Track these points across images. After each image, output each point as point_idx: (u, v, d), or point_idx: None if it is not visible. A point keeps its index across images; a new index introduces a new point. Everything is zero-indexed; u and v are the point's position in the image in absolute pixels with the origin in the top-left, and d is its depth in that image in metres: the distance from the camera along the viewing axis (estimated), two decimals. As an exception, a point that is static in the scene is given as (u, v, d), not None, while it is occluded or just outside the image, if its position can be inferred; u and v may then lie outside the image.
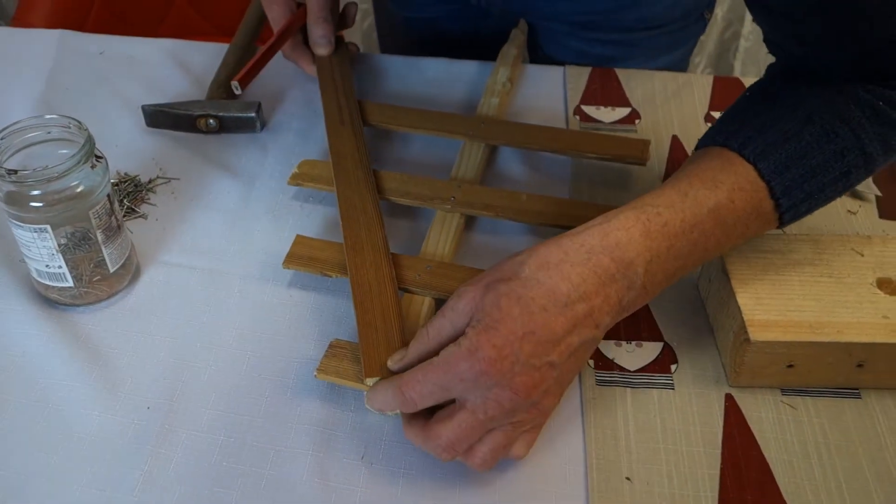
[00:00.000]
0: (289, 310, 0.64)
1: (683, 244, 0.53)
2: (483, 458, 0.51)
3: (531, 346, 0.48)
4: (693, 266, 0.55)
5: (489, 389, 0.48)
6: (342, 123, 0.75)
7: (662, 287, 0.54)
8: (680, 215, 0.53)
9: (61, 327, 0.61)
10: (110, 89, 0.85)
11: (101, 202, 0.59)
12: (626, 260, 0.51)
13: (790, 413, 0.58)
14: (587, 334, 0.50)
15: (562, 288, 0.49)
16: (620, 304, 0.51)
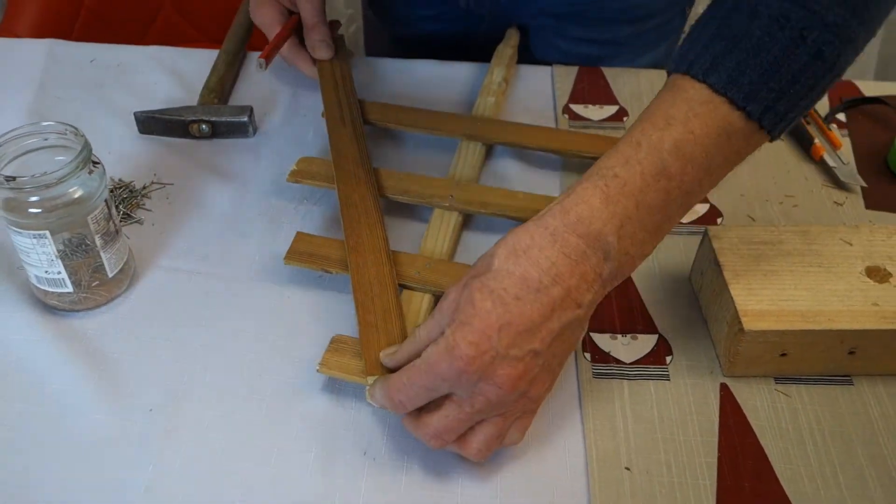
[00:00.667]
0: (287, 309, 0.64)
1: (653, 197, 0.50)
2: (477, 448, 0.51)
3: (509, 338, 0.48)
4: (681, 213, 0.52)
5: (474, 385, 0.48)
6: (343, 123, 0.75)
7: (651, 244, 0.52)
8: (637, 169, 0.50)
9: (61, 333, 0.61)
10: (101, 97, 0.85)
11: (99, 207, 0.59)
12: (594, 233, 0.49)
13: (784, 401, 0.59)
14: (568, 316, 0.49)
15: (532, 274, 0.49)
16: (601, 277, 0.50)
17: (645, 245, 0.52)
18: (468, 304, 0.49)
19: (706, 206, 0.74)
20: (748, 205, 0.75)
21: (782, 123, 0.51)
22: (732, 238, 0.63)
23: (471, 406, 0.49)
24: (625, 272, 0.52)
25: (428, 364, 0.49)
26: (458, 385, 0.49)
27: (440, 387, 0.49)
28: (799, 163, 0.79)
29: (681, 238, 0.71)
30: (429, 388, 0.49)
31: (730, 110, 0.50)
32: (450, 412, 0.50)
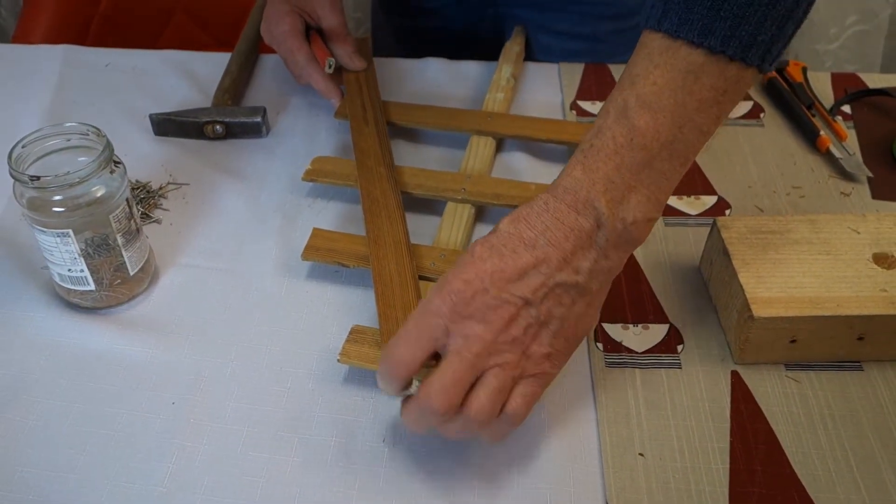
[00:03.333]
0: (306, 303, 0.65)
1: (631, 156, 0.50)
2: (480, 405, 0.49)
3: (500, 281, 0.50)
4: (673, 166, 0.51)
5: (465, 325, 0.49)
6: (366, 123, 0.77)
7: (649, 206, 0.51)
8: (609, 135, 0.51)
9: (84, 330, 0.63)
10: (117, 100, 0.86)
11: (121, 206, 0.61)
12: (581, 200, 0.51)
13: (795, 387, 0.60)
14: (565, 278, 0.50)
15: (529, 234, 0.51)
16: (597, 245, 0.51)
17: (643, 207, 0.51)
18: (468, 254, 0.52)
19: (714, 198, 0.75)
20: (756, 196, 0.76)
21: (755, 49, 0.49)
22: (741, 228, 0.64)
23: (468, 350, 0.49)
24: (627, 240, 0.52)
25: (423, 305, 0.51)
26: (450, 325, 0.50)
27: (435, 330, 0.50)
28: (805, 154, 0.80)
29: (690, 229, 0.72)
30: (421, 328, 0.50)
31: (689, 51, 0.49)
32: (450, 363, 0.49)
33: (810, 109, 0.83)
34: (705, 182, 0.77)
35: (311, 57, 0.82)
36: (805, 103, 0.84)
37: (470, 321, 0.50)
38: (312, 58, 0.82)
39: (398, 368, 0.51)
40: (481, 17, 1.00)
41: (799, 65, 0.89)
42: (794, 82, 0.86)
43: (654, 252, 0.70)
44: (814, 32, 1.36)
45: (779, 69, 0.88)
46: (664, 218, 0.73)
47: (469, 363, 0.49)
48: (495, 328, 0.50)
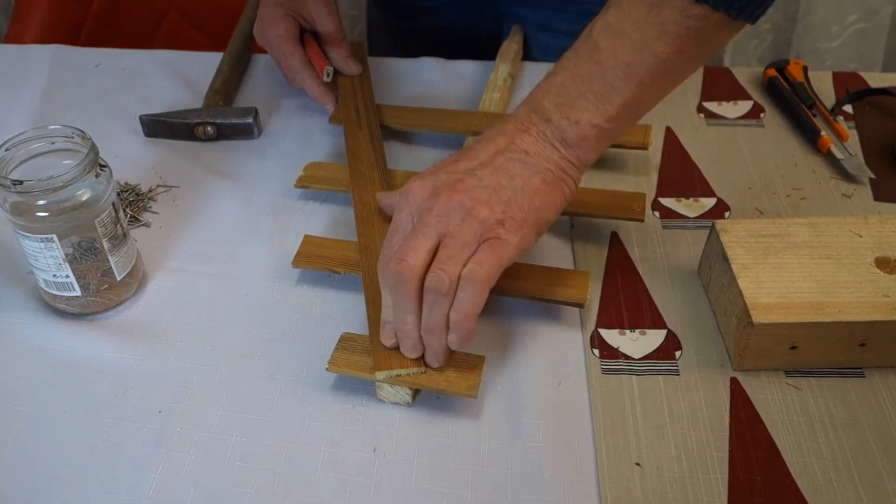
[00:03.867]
0: (297, 309, 0.64)
1: (587, 68, 0.55)
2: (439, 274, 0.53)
3: (452, 166, 0.57)
4: (624, 87, 0.55)
5: (421, 204, 0.56)
6: (359, 127, 0.76)
7: (598, 114, 0.55)
8: (573, 51, 0.57)
9: (70, 337, 0.62)
10: (107, 101, 0.85)
11: (107, 210, 0.59)
12: (534, 100, 0.58)
13: (795, 394, 0.58)
14: (514, 155, 0.56)
15: (485, 134, 0.59)
16: (544, 135, 0.57)
17: (589, 113, 0.56)
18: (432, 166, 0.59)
19: (713, 200, 0.74)
20: (756, 198, 0.74)
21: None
22: (740, 231, 0.63)
23: (420, 221, 0.55)
24: (573, 139, 0.56)
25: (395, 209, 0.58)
26: (414, 211, 0.56)
27: (403, 220, 0.57)
28: (806, 155, 0.79)
29: (688, 232, 0.71)
30: (395, 225, 0.57)
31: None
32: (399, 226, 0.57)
33: (811, 109, 0.82)
34: (704, 184, 0.76)
35: (306, 62, 0.81)
36: (806, 103, 0.82)
37: (425, 199, 0.56)
38: (307, 62, 0.81)
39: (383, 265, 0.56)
40: (479, 16, 0.99)
41: (799, 64, 0.87)
42: (794, 82, 0.85)
43: (651, 255, 0.69)
44: (814, 31, 1.35)
45: (779, 68, 0.87)
46: (662, 220, 0.72)
47: (420, 227, 0.54)
48: (443, 197, 0.55)
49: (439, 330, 0.55)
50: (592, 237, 0.71)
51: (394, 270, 0.54)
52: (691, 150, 0.80)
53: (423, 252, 0.55)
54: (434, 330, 0.55)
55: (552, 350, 0.61)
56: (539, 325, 0.63)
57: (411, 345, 0.56)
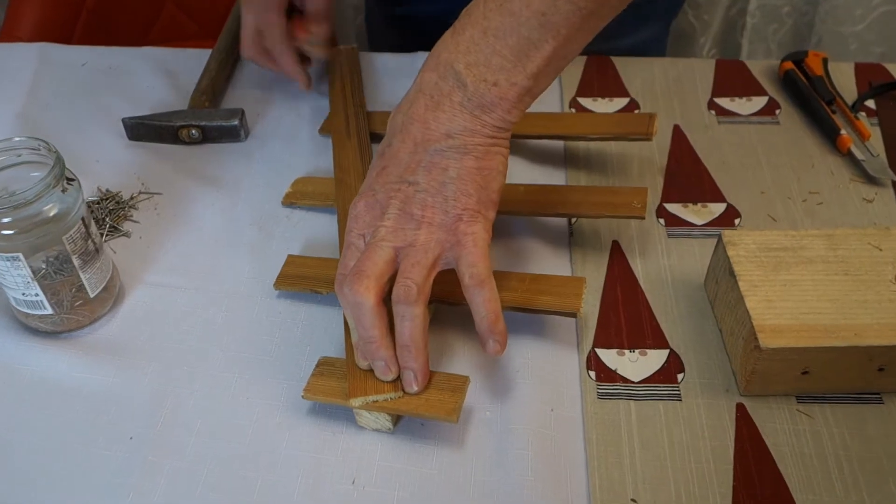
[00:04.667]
0: (278, 327, 0.61)
1: (499, 21, 0.51)
2: (406, 282, 0.51)
3: (383, 177, 0.54)
4: (541, 39, 0.50)
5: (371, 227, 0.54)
6: (349, 136, 0.72)
7: (517, 72, 0.51)
8: (480, 2, 0.52)
9: (43, 356, 0.59)
10: (92, 102, 0.82)
11: (76, 226, 0.56)
12: (443, 63, 0.52)
13: (807, 423, 0.54)
14: (438, 145, 0.52)
15: (398, 119, 0.54)
16: (461, 104, 0.52)
17: (507, 72, 0.51)
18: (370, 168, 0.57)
19: (723, 205, 0.70)
20: (769, 203, 0.70)
21: None
22: (749, 244, 0.59)
23: (374, 237, 0.52)
24: (492, 102, 0.52)
25: None
26: (365, 230, 0.54)
27: (354, 240, 0.54)
28: (824, 156, 0.74)
29: (695, 241, 0.67)
30: (346, 244, 0.55)
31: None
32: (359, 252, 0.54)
33: (831, 105, 0.77)
34: (713, 187, 0.71)
35: (287, 35, 0.77)
36: (825, 98, 0.77)
37: (373, 221, 0.53)
38: (287, 37, 0.77)
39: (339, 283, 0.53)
40: None
41: (819, 56, 0.82)
42: (813, 75, 0.80)
43: (654, 267, 0.65)
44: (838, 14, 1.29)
45: (797, 61, 0.82)
46: (667, 228, 0.68)
47: (373, 244, 0.52)
48: (390, 210, 0.52)
49: (416, 346, 0.52)
50: (591, 245, 0.67)
51: (350, 283, 0.51)
52: (700, 151, 0.75)
53: (381, 263, 0.52)
54: (410, 346, 0.52)
55: (545, 371, 0.57)
56: (531, 343, 0.59)
57: (383, 366, 0.52)
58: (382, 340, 0.52)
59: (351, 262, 0.54)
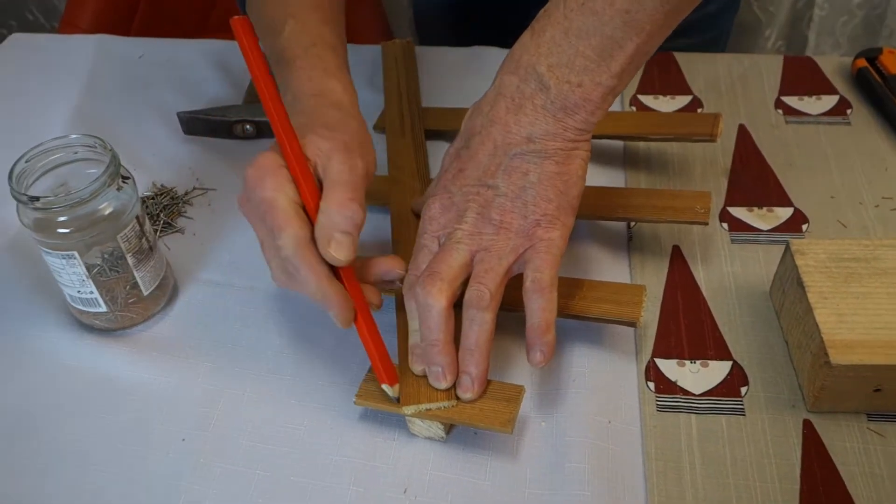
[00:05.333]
0: (329, 328, 0.60)
1: (581, 21, 0.50)
2: (479, 287, 0.50)
3: (461, 181, 0.53)
4: (625, 38, 0.49)
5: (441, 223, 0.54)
6: (402, 134, 0.71)
7: (601, 72, 0.50)
8: (559, 2, 0.51)
9: (96, 354, 0.59)
10: (148, 95, 0.82)
11: (130, 224, 0.56)
12: (523, 65, 0.51)
13: (878, 442, 0.52)
14: (518, 149, 0.52)
15: (476, 122, 0.54)
16: (543, 107, 0.51)
17: (591, 72, 0.50)
18: (441, 168, 0.56)
19: (790, 210, 0.67)
20: (838, 208, 0.67)
21: None
22: (819, 254, 0.56)
23: (450, 239, 0.52)
24: (577, 104, 0.51)
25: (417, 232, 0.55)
26: (440, 232, 0.53)
27: (427, 241, 0.54)
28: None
29: (760, 247, 0.64)
30: (419, 245, 0.54)
31: None
32: (432, 253, 0.53)
33: (905, 105, 0.74)
34: (780, 191, 0.69)
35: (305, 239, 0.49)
36: (900, 99, 0.74)
37: (449, 223, 0.53)
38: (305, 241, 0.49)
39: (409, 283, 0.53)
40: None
41: (895, 53, 0.78)
42: (888, 74, 0.76)
43: (717, 274, 0.62)
44: (911, 5, 1.24)
45: (871, 58, 0.78)
46: (731, 233, 0.65)
47: (449, 246, 0.52)
48: (468, 220, 0.52)
49: (480, 351, 0.51)
50: (651, 250, 0.65)
51: (423, 283, 0.51)
52: (767, 152, 0.72)
53: (455, 266, 0.52)
54: (474, 350, 0.51)
55: (602, 381, 0.56)
56: (588, 352, 0.58)
57: (440, 372, 0.51)
58: (445, 346, 0.51)
59: (423, 263, 0.53)
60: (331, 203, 0.49)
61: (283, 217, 0.48)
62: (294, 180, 0.50)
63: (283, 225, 0.48)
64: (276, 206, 0.49)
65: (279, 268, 0.51)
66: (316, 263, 0.49)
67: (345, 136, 0.52)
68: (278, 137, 0.50)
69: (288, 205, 0.49)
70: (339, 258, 0.49)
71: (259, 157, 0.51)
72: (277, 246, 0.49)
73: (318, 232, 0.49)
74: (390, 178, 0.68)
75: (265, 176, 0.49)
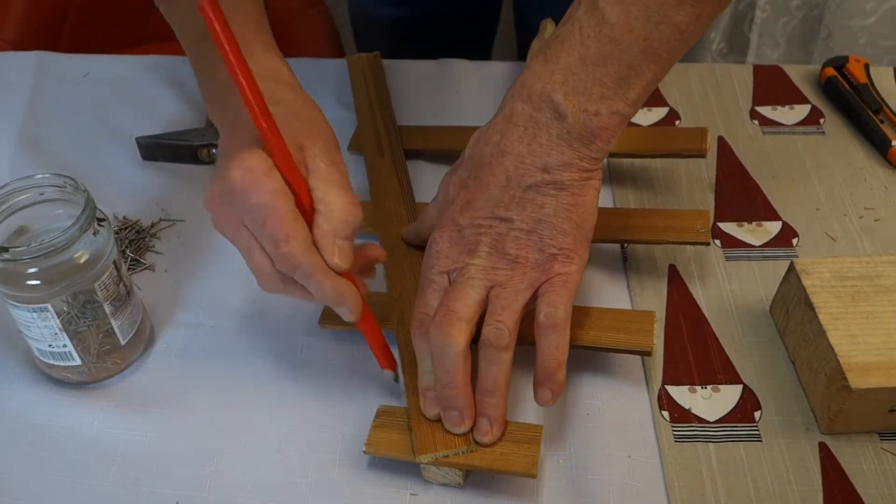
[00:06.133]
0: (327, 367, 0.57)
1: (597, 48, 0.48)
2: (497, 325, 0.48)
3: (471, 213, 0.51)
4: (642, 66, 0.48)
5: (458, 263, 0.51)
6: (381, 155, 0.68)
7: (619, 99, 0.49)
8: (577, 25, 0.49)
9: (72, 411, 0.54)
10: (99, 117, 0.77)
11: (108, 271, 0.52)
12: (537, 93, 0.50)
13: (893, 462, 0.52)
14: (529, 180, 0.50)
15: (486, 150, 0.51)
16: (559, 136, 0.49)
17: (608, 100, 0.49)
18: (443, 198, 0.54)
19: (778, 224, 0.67)
20: (825, 221, 0.67)
21: None
22: (824, 273, 0.56)
23: (463, 275, 0.50)
24: (593, 133, 0.49)
25: (422, 266, 0.52)
26: (451, 268, 0.51)
27: (436, 277, 0.51)
28: (875, 168, 0.72)
29: (754, 263, 0.64)
30: (427, 281, 0.51)
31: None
32: (442, 289, 0.51)
33: (877, 115, 0.75)
34: (766, 205, 0.68)
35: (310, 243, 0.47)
36: (871, 108, 0.75)
37: (461, 256, 0.50)
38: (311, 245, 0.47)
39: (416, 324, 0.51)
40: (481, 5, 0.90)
41: (860, 62, 0.79)
42: (857, 83, 0.77)
43: (715, 293, 0.62)
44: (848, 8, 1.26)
45: (838, 66, 0.79)
46: (724, 250, 0.65)
47: (462, 282, 0.49)
48: (481, 256, 0.50)
49: (499, 392, 0.49)
50: (648, 271, 0.63)
51: (440, 324, 0.48)
52: (748, 164, 0.72)
53: (472, 304, 0.49)
54: (493, 392, 0.49)
55: (616, 413, 0.54)
56: (598, 381, 0.56)
57: (457, 416, 0.49)
58: (464, 388, 0.49)
59: (433, 301, 0.50)
60: (332, 206, 0.48)
61: (288, 224, 0.46)
62: (287, 182, 0.47)
63: (291, 232, 0.46)
64: (278, 213, 0.46)
65: (273, 275, 0.48)
66: (324, 266, 0.47)
67: (315, 128, 0.51)
68: (265, 137, 0.46)
69: (290, 210, 0.46)
70: (343, 266, 0.48)
71: (244, 157, 0.46)
72: (283, 253, 0.46)
73: (321, 238, 0.47)
74: (374, 204, 0.65)
75: (261, 179, 0.46)
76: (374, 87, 0.76)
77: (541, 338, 0.49)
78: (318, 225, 0.47)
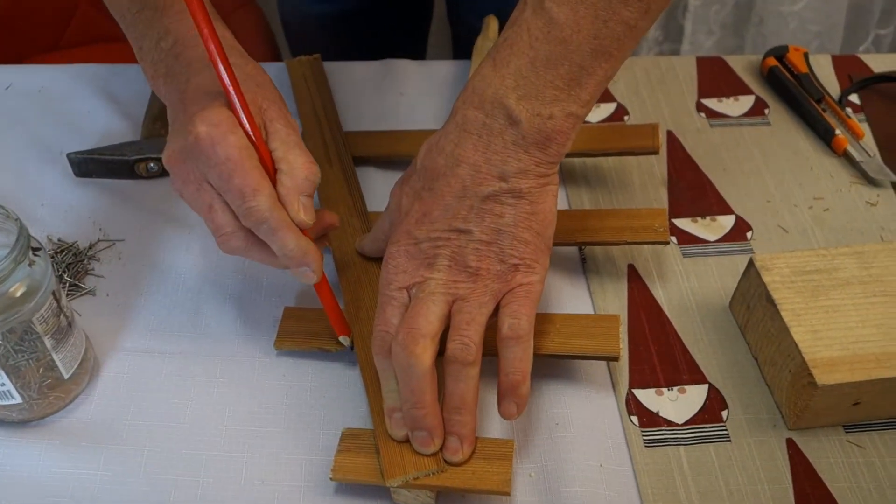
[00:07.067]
0: (285, 393, 0.55)
1: (548, 49, 0.47)
2: (463, 340, 0.47)
3: (427, 225, 0.49)
4: (593, 65, 0.47)
5: (418, 277, 0.49)
6: (329, 164, 0.65)
7: (573, 101, 0.48)
8: (525, 26, 0.48)
9: (13, 452, 0.51)
10: (25, 133, 0.72)
11: (46, 303, 0.48)
12: (487, 100, 0.48)
13: (859, 454, 0.52)
14: (486, 190, 0.48)
15: (439, 161, 0.50)
16: (514, 143, 0.48)
17: (561, 103, 0.48)
18: (396, 209, 0.53)
19: (731, 218, 0.67)
20: (776, 212, 0.68)
21: None
22: (783, 268, 0.56)
23: (423, 290, 0.48)
24: (548, 136, 0.48)
25: (380, 282, 0.51)
26: (410, 283, 0.49)
27: (395, 293, 0.49)
28: (821, 157, 0.72)
29: (711, 259, 0.64)
30: (385, 298, 0.50)
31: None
32: (401, 304, 0.49)
33: (820, 104, 0.75)
34: (718, 198, 0.69)
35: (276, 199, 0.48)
36: (814, 97, 0.76)
37: (420, 270, 0.49)
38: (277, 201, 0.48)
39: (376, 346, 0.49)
40: None
41: (800, 51, 0.80)
42: (798, 73, 0.78)
43: (675, 291, 0.61)
44: (779, -7, 1.29)
45: (778, 56, 0.80)
46: (680, 247, 0.64)
47: (423, 298, 0.48)
48: (440, 271, 0.48)
49: (468, 409, 0.48)
50: (608, 272, 0.63)
51: (404, 342, 0.46)
52: (698, 158, 0.72)
53: (434, 321, 0.48)
54: (462, 409, 0.48)
55: (585, 421, 0.54)
56: (564, 389, 0.55)
57: (425, 437, 0.48)
58: (432, 407, 0.47)
59: (394, 318, 0.49)
60: (294, 165, 0.49)
61: (254, 178, 0.47)
62: (250, 140, 0.48)
63: (257, 186, 0.47)
64: (244, 167, 0.47)
65: (236, 233, 0.49)
66: (289, 222, 0.48)
67: (269, 91, 0.52)
68: (231, 95, 0.48)
69: (256, 166, 0.47)
70: (307, 220, 0.49)
71: (208, 114, 0.47)
72: (248, 208, 0.47)
73: (285, 195, 0.48)
74: (325, 215, 0.63)
75: (227, 134, 0.47)
76: (317, 93, 0.74)
77: (504, 350, 0.48)
78: (281, 182, 0.49)
